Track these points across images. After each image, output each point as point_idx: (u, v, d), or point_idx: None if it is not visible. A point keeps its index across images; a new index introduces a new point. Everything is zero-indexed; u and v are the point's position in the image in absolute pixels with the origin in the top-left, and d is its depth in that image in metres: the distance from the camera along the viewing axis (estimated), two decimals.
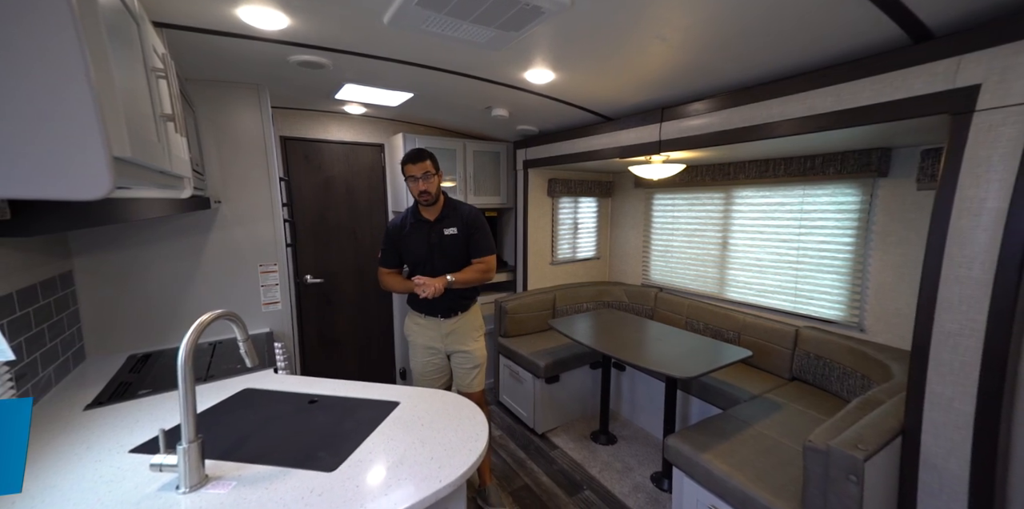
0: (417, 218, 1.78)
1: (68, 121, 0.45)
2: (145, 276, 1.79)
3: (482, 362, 1.90)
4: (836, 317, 2.11)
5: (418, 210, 1.79)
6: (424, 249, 1.75)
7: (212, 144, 1.89)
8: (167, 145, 0.88)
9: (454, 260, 1.78)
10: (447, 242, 1.75)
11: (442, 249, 1.76)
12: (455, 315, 1.83)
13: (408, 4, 1.08)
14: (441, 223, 1.76)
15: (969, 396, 1.09)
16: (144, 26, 0.84)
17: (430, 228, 1.76)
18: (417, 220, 1.77)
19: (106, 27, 0.57)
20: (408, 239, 1.77)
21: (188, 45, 1.43)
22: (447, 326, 1.83)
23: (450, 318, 1.82)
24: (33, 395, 1.25)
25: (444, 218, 1.77)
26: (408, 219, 1.79)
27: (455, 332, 1.84)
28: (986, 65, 1.01)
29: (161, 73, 0.87)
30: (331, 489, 0.86)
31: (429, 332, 1.84)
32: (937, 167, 1.57)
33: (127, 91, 0.64)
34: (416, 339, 1.87)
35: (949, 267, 1.10)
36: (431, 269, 1.76)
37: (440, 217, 1.76)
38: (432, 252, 1.75)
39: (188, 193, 1.16)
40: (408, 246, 1.78)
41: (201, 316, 0.91)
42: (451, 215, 1.78)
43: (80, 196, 0.46)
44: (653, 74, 1.66)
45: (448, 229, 1.76)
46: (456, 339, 1.84)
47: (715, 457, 1.52)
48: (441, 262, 1.77)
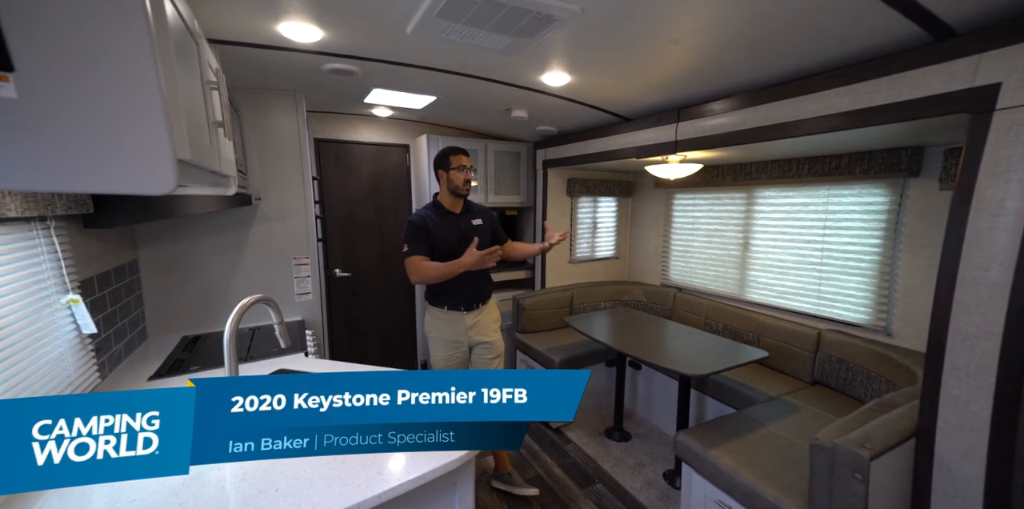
0: (442, 211, 1.86)
1: (144, 129, 0.56)
2: (196, 266, 1.98)
3: (501, 352, 1.98)
4: (861, 320, 2.05)
5: (440, 205, 1.86)
6: (456, 237, 1.83)
7: (254, 146, 2.06)
8: (218, 148, 1.01)
9: (482, 247, 1.87)
10: (476, 231, 1.87)
11: (471, 237, 1.84)
12: (476, 308, 1.90)
13: (428, 16, 1.17)
14: (467, 215, 1.89)
15: (986, 399, 1.07)
16: (202, 44, 0.96)
17: (459, 219, 1.87)
18: (443, 213, 1.86)
19: (175, 48, 0.68)
20: (439, 230, 1.82)
21: (236, 58, 1.59)
22: (470, 319, 1.89)
23: (471, 311, 1.89)
24: (108, 367, 1.44)
25: (467, 211, 1.90)
26: (432, 213, 1.85)
27: (478, 324, 1.90)
28: (1007, 63, 0.99)
29: (214, 85, 0.99)
30: (352, 457, 0.96)
31: (452, 326, 1.89)
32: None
33: (188, 102, 0.75)
34: (438, 334, 1.92)
35: (966, 268, 1.08)
36: (458, 256, 1.81)
37: (464, 210, 1.89)
38: (463, 240, 1.82)
39: (233, 191, 1.30)
40: (439, 237, 1.82)
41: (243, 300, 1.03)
42: (472, 209, 1.92)
43: (152, 191, 0.57)
44: (668, 76, 1.68)
45: (475, 220, 1.90)
46: (479, 330, 1.91)
47: (724, 454, 1.53)
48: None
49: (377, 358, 3.14)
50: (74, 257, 1.21)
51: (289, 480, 0.88)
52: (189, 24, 0.83)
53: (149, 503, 0.81)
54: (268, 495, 0.84)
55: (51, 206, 1.01)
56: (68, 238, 1.18)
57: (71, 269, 1.16)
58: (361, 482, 0.88)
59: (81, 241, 1.30)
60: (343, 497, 0.84)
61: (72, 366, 1.13)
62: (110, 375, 1.43)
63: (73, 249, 1.21)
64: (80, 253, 1.28)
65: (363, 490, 0.86)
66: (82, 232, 1.31)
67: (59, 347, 1.09)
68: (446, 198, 1.86)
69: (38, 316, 1.03)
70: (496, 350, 1.95)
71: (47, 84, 0.51)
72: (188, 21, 0.83)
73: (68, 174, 0.52)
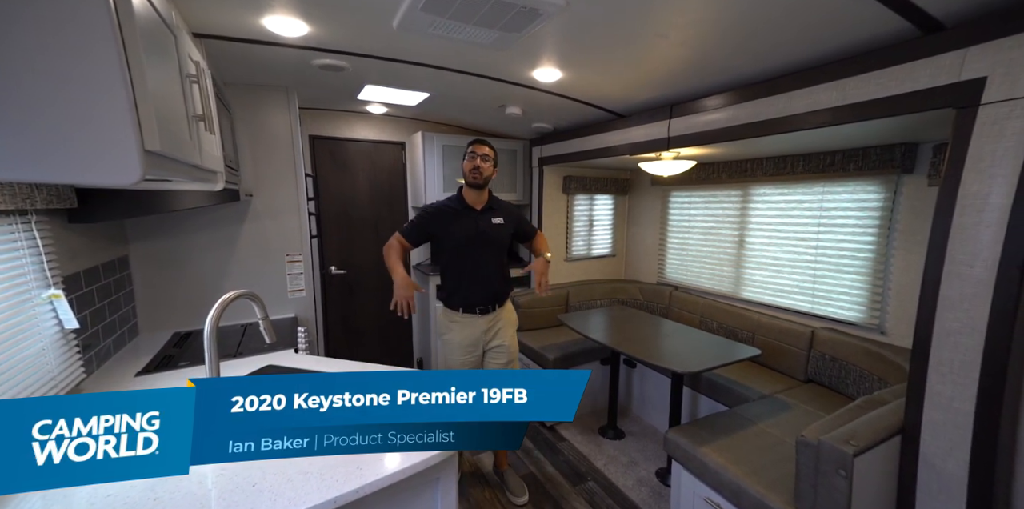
0: (462, 205, 1.80)
1: (108, 119, 0.55)
2: (188, 262, 1.98)
3: (515, 357, 1.91)
4: (855, 318, 2.05)
5: (463, 198, 1.81)
6: (470, 233, 1.77)
7: (246, 142, 2.06)
8: (199, 142, 1.00)
9: (497, 247, 1.83)
10: (494, 230, 1.81)
11: (488, 235, 1.80)
12: (493, 310, 1.83)
13: (413, 10, 1.16)
14: (489, 212, 1.82)
15: (969, 395, 1.06)
16: (181, 36, 0.96)
17: (478, 215, 1.80)
18: (463, 207, 1.80)
19: (144, 39, 0.68)
20: (452, 224, 1.78)
21: (224, 53, 1.58)
22: (486, 322, 1.83)
23: (488, 314, 1.82)
24: (96, 362, 1.44)
25: (489, 209, 1.83)
26: (452, 205, 1.81)
27: (493, 328, 1.85)
28: (992, 57, 0.98)
29: (194, 78, 0.99)
30: None
31: (468, 329, 1.82)
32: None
33: (161, 94, 0.75)
34: (454, 337, 1.84)
35: (951, 264, 1.07)
36: (473, 253, 1.79)
37: (486, 207, 1.82)
38: (477, 237, 1.78)
39: (220, 186, 1.30)
40: (450, 230, 1.77)
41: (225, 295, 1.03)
42: (496, 207, 1.85)
43: (116, 183, 0.57)
44: (658, 71, 1.67)
45: (495, 219, 1.82)
46: (495, 334, 1.85)
47: (713, 451, 1.53)
48: (484, 247, 1.80)
49: (373, 356, 3.14)
50: (57, 252, 1.21)
51: (267, 475, 0.88)
52: (164, 15, 0.83)
53: (124, 498, 0.81)
54: (245, 490, 0.84)
55: (30, 200, 1.01)
56: (51, 233, 1.18)
57: (53, 264, 1.16)
58: (340, 477, 0.88)
59: (65, 236, 1.30)
60: (321, 491, 0.84)
61: (54, 361, 1.13)
62: (97, 371, 1.43)
63: (56, 244, 1.21)
64: (64, 248, 1.28)
65: (341, 484, 0.86)
66: (67, 227, 1.30)
67: (40, 342, 1.09)
68: (467, 191, 1.80)
69: (18, 310, 1.03)
70: (509, 354, 1.88)
71: (2, 72, 0.50)
72: (163, 12, 0.82)
73: (24, 162, 0.52)
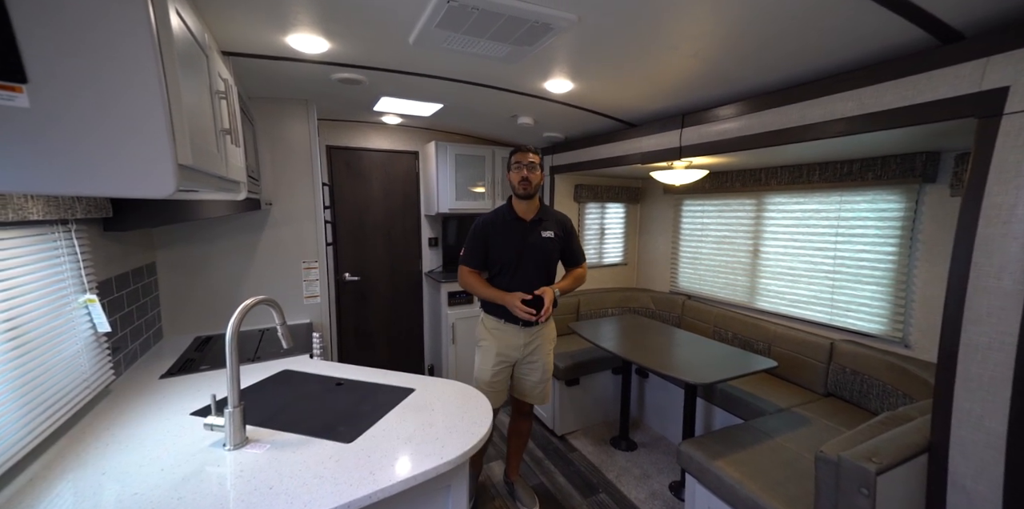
0: (513, 215, 1.68)
1: (148, 137, 0.59)
2: (210, 268, 2.05)
3: (549, 377, 1.83)
4: (877, 331, 1.99)
5: (512, 208, 1.69)
6: (518, 248, 1.65)
7: (267, 153, 2.13)
8: (225, 154, 1.05)
9: (545, 264, 1.70)
10: (543, 244, 1.67)
11: (535, 251, 1.67)
12: (536, 324, 1.70)
13: (429, 26, 1.20)
14: (539, 225, 1.69)
15: (1000, 414, 1.02)
16: (212, 55, 1.02)
17: (526, 228, 1.67)
18: (513, 218, 1.68)
19: (180, 60, 0.72)
20: (500, 237, 1.67)
21: (249, 69, 1.66)
22: (527, 335, 1.71)
23: (530, 327, 1.70)
24: (124, 364, 1.50)
25: (540, 220, 1.70)
26: (502, 216, 1.70)
27: (533, 342, 1.74)
28: (1014, 67, 0.96)
29: (223, 95, 1.04)
30: (347, 457, 0.98)
31: (506, 340, 1.72)
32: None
33: (194, 110, 0.79)
34: (489, 345, 1.74)
35: (977, 277, 1.04)
36: (517, 270, 1.67)
37: (536, 218, 1.70)
38: (524, 253, 1.65)
39: (243, 195, 1.35)
40: (498, 244, 1.66)
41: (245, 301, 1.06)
42: (547, 218, 1.72)
43: (152, 194, 0.61)
44: (670, 82, 1.68)
45: (546, 232, 1.68)
46: (534, 350, 1.75)
47: (728, 465, 1.50)
48: (530, 264, 1.67)
49: (385, 361, 3.18)
50: (93, 259, 1.27)
51: (284, 478, 0.90)
52: (198, 37, 0.88)
53: (150, 497, 0.84)
54: (263, 492, 0.86)
55: (71, 210, 1.07)
56: (88, 241, 1.24)
57: (89, 270, 1.22)
58: (353, 482, 0.89)
59: (101, 243, 1.36)
60: (335, 496, 0.85)
61: (87, 363, 1.18)
62: (125, 373, 1.49)
63: (92, 251, 1.27)
64: (99, 255, 1.34)
65: (354, 489, 0.87)
66: (102, 235, 1.37)
67: (76, 344, 1.14)
68: (517, 201, 1.69)
69: (57, 314, 1.08)
70: (544, 372, 1.78)
71: (55, 95, 0.55)
72: (197, 34, 0.87)
73: (73, 178, 0.56)
